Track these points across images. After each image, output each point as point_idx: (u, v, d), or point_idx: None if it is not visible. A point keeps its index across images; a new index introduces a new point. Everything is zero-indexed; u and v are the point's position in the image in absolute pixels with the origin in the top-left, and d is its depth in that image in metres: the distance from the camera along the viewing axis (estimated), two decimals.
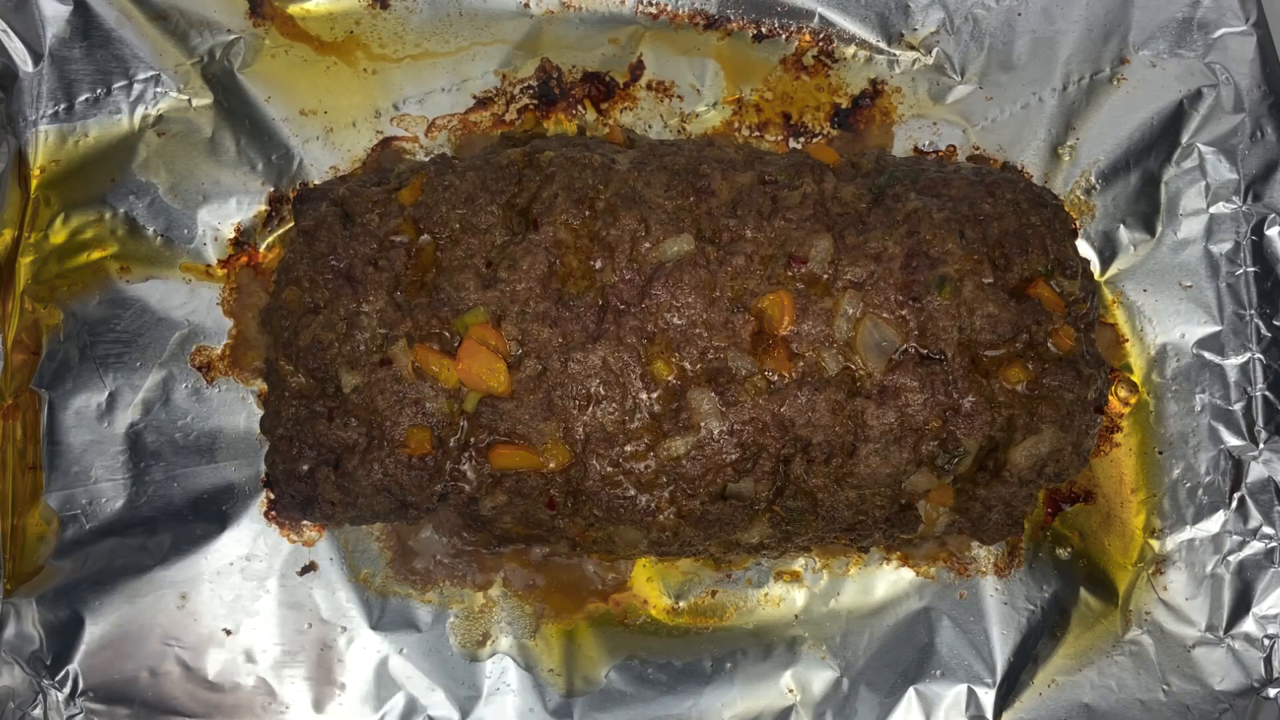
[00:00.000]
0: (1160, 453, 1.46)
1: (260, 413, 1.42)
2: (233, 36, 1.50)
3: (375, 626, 1.41)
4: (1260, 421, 1.44)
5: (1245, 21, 1.52)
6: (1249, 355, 1.46)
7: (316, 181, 1.48)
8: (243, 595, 1.40)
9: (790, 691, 1.41)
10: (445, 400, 1.28)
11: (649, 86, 1.54)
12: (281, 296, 1.35)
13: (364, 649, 1.40)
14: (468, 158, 1.44)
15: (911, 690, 1.41)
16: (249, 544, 1.42)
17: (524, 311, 1.29)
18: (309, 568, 1.42)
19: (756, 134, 1.54)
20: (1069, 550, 1.46)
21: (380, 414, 1.28)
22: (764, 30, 1.55)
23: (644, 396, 1.27)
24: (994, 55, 1.54)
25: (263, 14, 1.51)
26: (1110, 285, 1.50)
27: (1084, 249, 1.48)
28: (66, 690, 1.35)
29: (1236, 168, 1.49)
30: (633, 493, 1.28)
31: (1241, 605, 1.41)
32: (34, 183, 1.45)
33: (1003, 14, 1.55)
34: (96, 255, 1.45)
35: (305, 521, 1.42)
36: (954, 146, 1.53)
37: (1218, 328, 1.47)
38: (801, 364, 1.28)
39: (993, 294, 1.30)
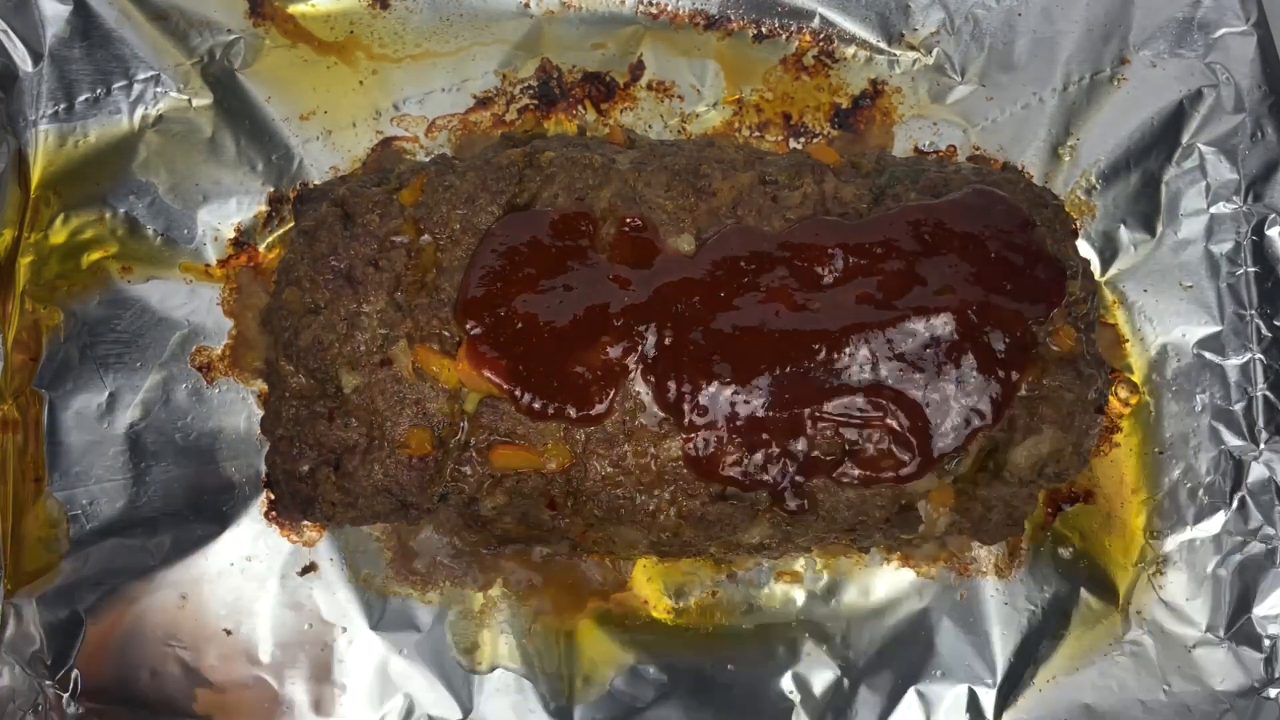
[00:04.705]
0: (1161, 453, 1.46)
1: (260, 413, 1.42)
2: (233, 36, 1.50)
3: (375, 627, 1.41)
4: (1261, 422, 1.44)
5: (1246, 21, 1.52)
6: (1249, 355, 1.46)
7: (317, 181, 1.48)
8: (243, 595, 1.40)
9: (790, 692, 1.41)
10: (445, 400, 1.28)
11: (649, 86, 1.54)
12: (282, 297, 1.35)
13: (364, 649, 1.40)
14: (468, 158, 1.44)
15: (912, 690, 1.41)
16: (249, 544, 1.42)
17: None
18: (309, 568, 1.42)
19: (757, 134, 1.54)
20: (1070, 551, 1.46)
21: (380, 414, 1.28)
22: (764, 30, 1.55)
23: (644, 396, 1.27)
24: (994, 55, 1.54)
25: (263, 14, 1.51)
26: (1111, 285, 1.50)
27: (1084, 249, 1.48)
28: (67, 690, 1.35)
29: (1237, 168, 1.49)
30: (633, 493, 1.28)
31: (1242, 606, 1.41)
32: (34, 183, 1.45)
33: (1003, 14, 1.55)
34: (97, 255, 1.45)
35: (305, 522, 1.42)
36: (954, 146, 1.53)
37: (1218, 328, 1.47)
38: None
39: None
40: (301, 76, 1.51)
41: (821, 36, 1.55)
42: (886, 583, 1.45)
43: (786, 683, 1.41)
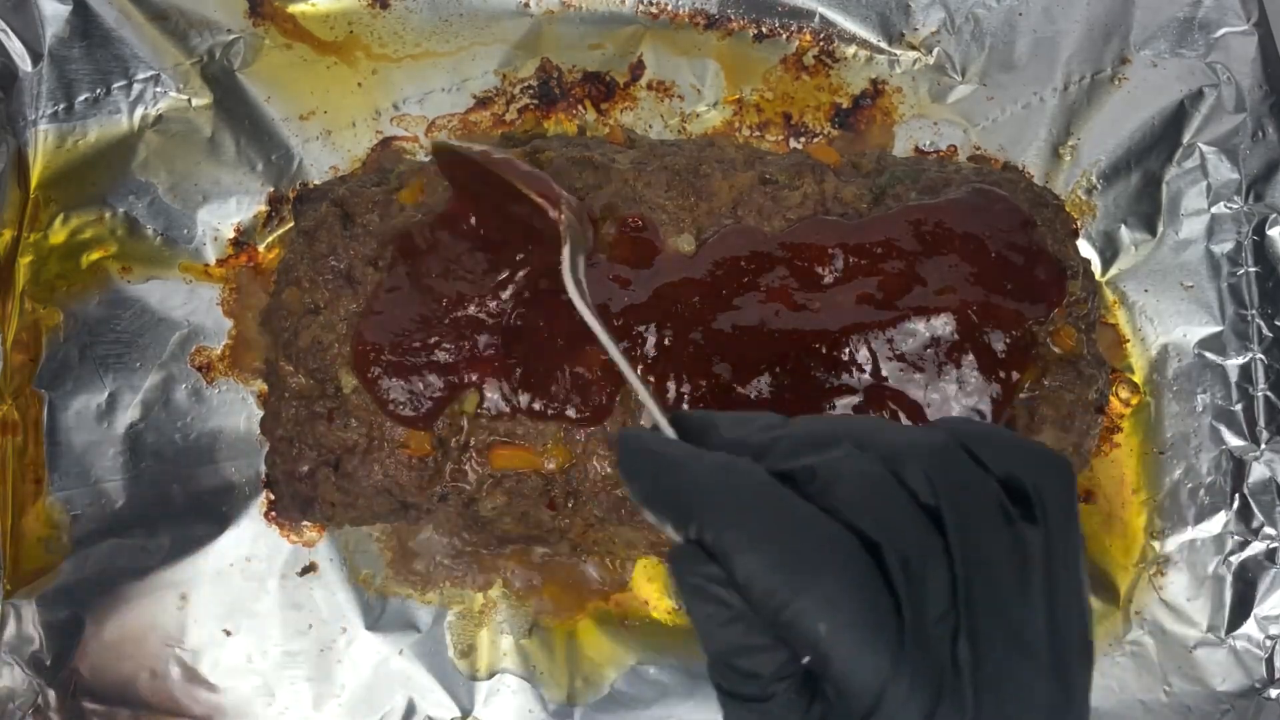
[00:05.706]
0: (1161, 453, 1.46)
1: (260, 413, 1.42)
2: (232, 36, 1.50)
3: (375, 627, 1.41)
4: (1262, 422, 1.44)
5: (1247, 21, 1.52)
6: (1250, 355, 1.46)
7: (316, 181, 1.48)
8: (243, 596, 1.40)
9: None
10: None
11: (649, 86, 1.54)
12: (281, 297, 1.35)
13: (364, 650, 1.40)
14: None
15: None
16: (249, 544, 1.42)
17: None
18: (309, 568, 1.42)
19: (757, 134, 1.54)
20: None
21: (380, 415, 1.27)
22: (764, 30, 1.55)
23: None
24: (995, 55, 1.54)
25: (262, 14, 1.51)
26: (1111, 285, 1.50)
27: (1085, 249, 1.48)
28: (67, 691, 1.35)
29: (1238, 168, 1.49)
30: None
31: (1243, 606, 1.40)
32: (34, 183, 1.45)
33: (1004, 14, 1.54)
34: (96, 255, 1.45)
35: (305, 522, 1.42)
36: (955, 146, 1.53)
37: (1219, 328, 1.47)
38: None
39: None
40: (301, 76, 1.51)
41: (821, 36, 1.55)
42: None
43: None
